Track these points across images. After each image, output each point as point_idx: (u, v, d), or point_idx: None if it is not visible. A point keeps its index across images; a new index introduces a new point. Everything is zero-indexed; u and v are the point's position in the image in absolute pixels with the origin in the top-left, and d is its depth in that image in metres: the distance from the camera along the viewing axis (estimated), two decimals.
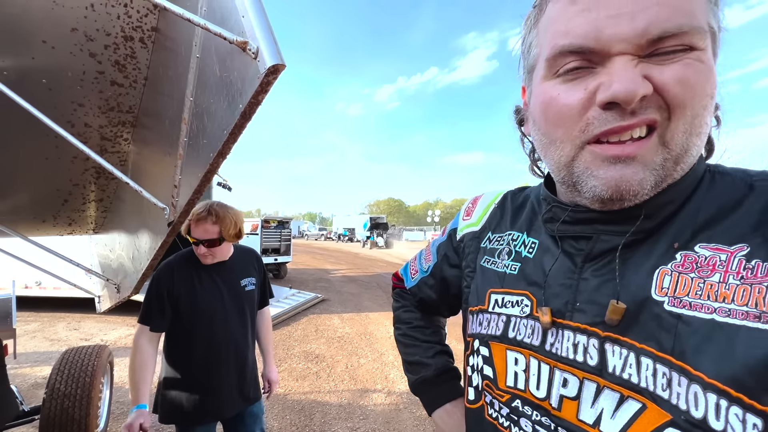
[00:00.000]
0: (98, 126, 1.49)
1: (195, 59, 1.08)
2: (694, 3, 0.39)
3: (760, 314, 0.36)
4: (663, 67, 0.39)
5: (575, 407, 0.46)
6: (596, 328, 0.46)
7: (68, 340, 5.49)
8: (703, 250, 0.42)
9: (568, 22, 0.42)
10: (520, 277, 0.57)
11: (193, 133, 1.12)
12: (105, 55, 1.30)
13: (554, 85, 0.45)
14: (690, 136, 0.41)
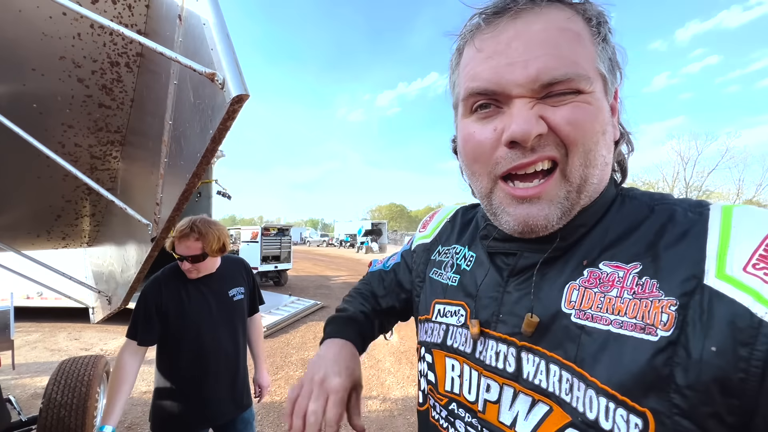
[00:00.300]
0: (88, 146, 1.56)
1: (173, 85, 1.15)
2: (579, 54, 0.45)
3: (644, 326, 0.41)
4: (556, 109, 0.44)
5: (496, 410, 0.51)
6: (514, 338, 0.51)
7: (68, 350, 5.55)
8: (606, 267, 0.46)
9: (476, 67, 0.48)
10: (459, 288, 0.62)
11: (173, 154, 1.19)
12: (92, 79, 1.37)
13: (471, 122, 0.50)
14: (586, 168, 0.46)
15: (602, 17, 0.49)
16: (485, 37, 0.48)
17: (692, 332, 0.38)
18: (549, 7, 0.46)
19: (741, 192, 28.92)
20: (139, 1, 1.30)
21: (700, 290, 0.39)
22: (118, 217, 1.77)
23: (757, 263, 0.37)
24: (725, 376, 0.36)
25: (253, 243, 11.68)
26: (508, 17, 0.46)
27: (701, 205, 0.46)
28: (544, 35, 0.44)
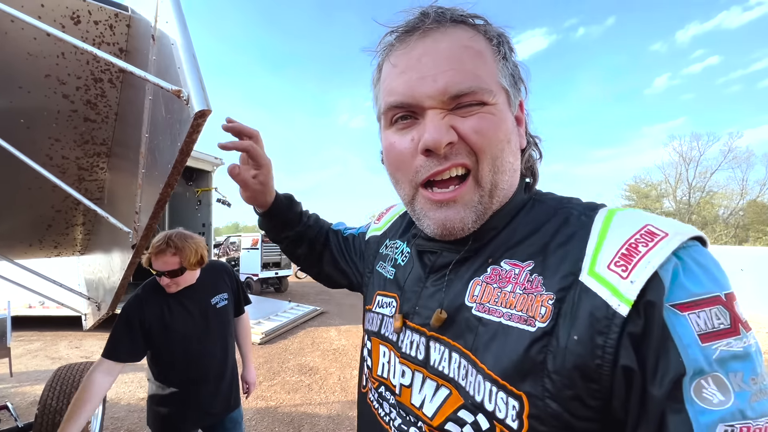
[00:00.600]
0: (75, 158, 1.63)
1: (148, 101, 1.22)
2: (481, 69, 0.50)
3: (527, 318, 0.46)
4: (465, 119, 0.50)
5: (409, 393, 0.56)
6: (425, 329, 0.56)
7: (69, 358, 5.61)
8: (506, 264, 0.52)
9: (392, 82, 0.53)
10: (394, 281, 0.67)
11: (149, 164, 1.25)
12: (77, 95, 1.44)
13: (392, 133, 0.55)
14: (495, 174, 0.51)
15: (502, 38, 0.55)
16: (399, 54, 0.53)
17: (563, 323, 0.43)
18: (454, 27, 0.52)
19: (745, 192, 28.74)
20: (119, 21, 1.37)
21: (575, 285, 0.44)
22: (105, 225, 1.83)
23: (618, 261, 0.42)
24: (584, 362, 0.41)
25: (253, 250, 11.75)
26: (418, 35, 0.51)
27: (593, 209, 0.51)
28: (450, 52, 0.50)
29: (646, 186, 32.42)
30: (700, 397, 0.36)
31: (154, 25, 1.17)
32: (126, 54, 1.44)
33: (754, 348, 0.38)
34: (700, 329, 0.37)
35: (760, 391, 0.36)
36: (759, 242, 25.89)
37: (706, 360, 0.36)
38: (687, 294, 0.39)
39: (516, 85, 0.56)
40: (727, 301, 0.39)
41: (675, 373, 0.37)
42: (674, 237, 0.41)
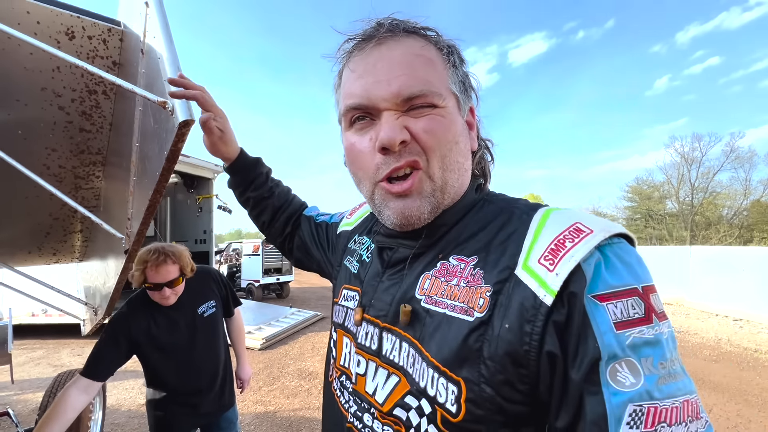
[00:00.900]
0: (71, 167, 1.69)
1: (138, 111, 1.27)
2: (432, 75, 0.55)
3: (467, 309, 0.49)
4: (417, 120, 0.54)
5: (364, 381, 0.60)
6: (378, 320, 0.60)
7: (71, 365, 5.65)
8: (454, 260, 0.55)
9: (351, 86, 0.57)
10: (357, 276, 0.71)
11: (140, 172, 1.30)
12: (72, 107, 1.50)
13: (352, 134, 0.59)
14: (444, 172, 0.55)
15: (452, 48, 0.59)
16: (357, 60, 0.57)
17: (498, 313, 0.47)
18: (407, 37, 0.56)
19: (748, 192, 28.56)
20: (112, 36, 1.43)
21: (511, 279, 0.48)
22: (101, 232, 1.88)
23: (547, 256, 0.46)
24: (514, 349, 0.45)
25: (254, 256, 11.80)
26: (374, 43, 0.56)
27: (533, 208, 0.55)
28: (403, 59, 0.54)
29: (649, 187, 32.31)
30: (614, 380, 0.39)
31: (143, 40, 1.22)
32: (119, 66, 1.50)
33: (666, 336, 0.41)
34: (616, 318, 0.41)
35: (668, 375, 0.39)
36: (764, 242, 25.68)
37: (620, 346, 0.40)
38: (606, 286, 0.42)
39: (466, 92, 0.60)
40: (643, 293, 0.42)
41: (592, 357, 0.40)
42: (598, 234, 0.45)
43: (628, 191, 33.59)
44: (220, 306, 1.85)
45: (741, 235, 27.43)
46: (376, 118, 0.55)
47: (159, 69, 1.08)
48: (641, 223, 32.15)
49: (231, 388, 1.92)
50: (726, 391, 4.39)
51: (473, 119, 0.63)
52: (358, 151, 0.58)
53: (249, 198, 1.01)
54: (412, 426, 0.51)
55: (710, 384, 4.62)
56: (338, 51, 0.61)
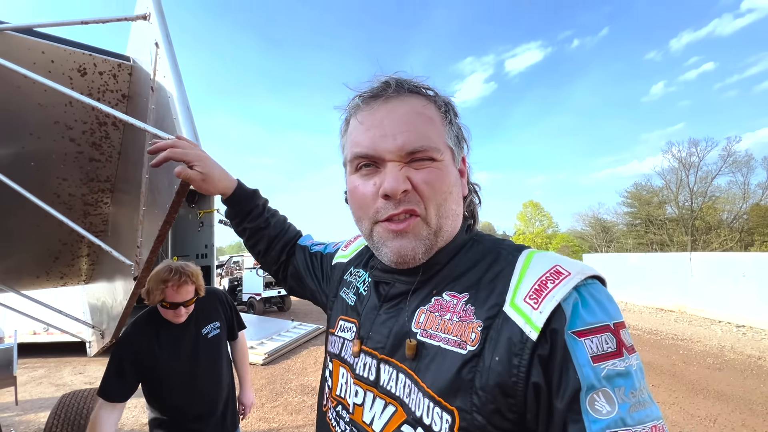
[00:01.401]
0: (81, 194, 1.74)
1: (148, 145, 1.33)
2: (431, 132, 0.61)
3: (460, 342, 0.54)
4: (417, 172, 0.59)
5: (361, 411, 0.63)
6: (376, 352, 0.64)
7: (73, 385, 5.63)
8: (447, 296, 0.60)
9: (359, 137, 0.63)
10: (354, 308, 0.75)
11: (149, 203, 1.35)
12: (83, 138, 1.56)
13: (357, 178, 0.64)
14: (440, 219, 0.61)
15: (449, 106, 0.66)
16: (365, 114, 0.63)
17: (488, 346, 0.51)
18: (410, 96, 0.62)
19: (747, 195, 28.62)
20: (122, 71, 1.49)
21: (500, 315, 0.52)
22: (108, 256, 1.93)
23: (531, 295, 0.51)
24: (504, 380, 0.49)
25: (256, 269, 11.81)
26: (382, 100, 0.62)
27: (519, 249, 0.60)
28: (407, 117, 0.60)
29: (648, 193, 32.39)
30: (593, 409, 0.44)
31: (153, 78, 1.29)
32: (128, 99, 1.56)
33: (635, 367, 0.46)
34: (592, 351, 0.46)
35: (638, 403, 0.44)
36: (765, 246, 25.65)
37: (596, 377, 0.44)
38: (583, 323, 0.47)
39: (459, 144, 0.66)
40: (614, 329, 0.47)
41: (573, 388, 0.45)
42: (575, 276, 0.50)
43: (627, 197, 33.68)
44: (224, 328, 1.87)
45: (742, 239, 27.40)
46: (380, 166, 0.61)
47: (169, 106, 1.14)
48: (642, 228, 32.14)
49: (234, 412, 1.92)
50: (730, 400, 4.37)
51: (465, 167, 0.69)
52: (361, 194, 0.63)
53: (245, 229, 1.04)
54: None
55: (714, 393, 4.60)
56: (349, 104, 0.67)
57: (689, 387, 4.82)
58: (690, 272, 10.22)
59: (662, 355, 6.31)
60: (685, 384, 4.92)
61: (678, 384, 4.93)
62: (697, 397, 4.50)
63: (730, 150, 28.62)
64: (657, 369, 5.59)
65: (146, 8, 1.31)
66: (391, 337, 0.62)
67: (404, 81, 0.63)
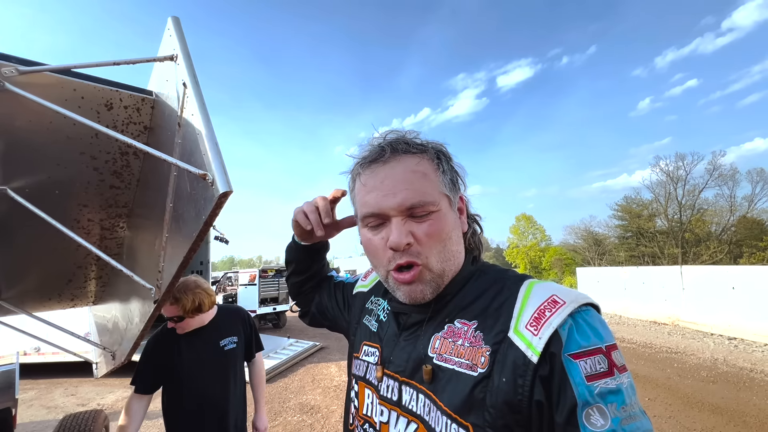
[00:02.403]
0: (99, 219, 1.81)
1: (173, 176, 1.41)
2: (427, 186, 0.71)
3: (472, 365, 0.63)
4: (419, 225, 0.69)
5: (387, 429, 0.71)
6: (398, 375, 0.73)
7: (65, 407, 5.52)
8: (458, 323, 0.69)
9: (364, 197, 0.74)
10: (377, 334, 0.84)
11: (172, 230, 1.42)
12: (105, 167, 1.64)
13: (368, 231, 0.75)
14: (442, 263, 0.71)
15: (441, 154, 0.76)
16: (367, 176, 0.74)
17: (496, 368, 0.60)
18: (405, 156, 0.73)
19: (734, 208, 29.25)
20: (145, 104, 1.59)
21: (505, 340, 0.62)
22: (122, 278, 1.98)
23: (532, 323, 0.60)
24: (510, 398, 0.58)
25: (251, 285, 11.74)
26: (380, 163, 0.73)
27: (521, 280, 0.70)
28: (403, 176, 0.70)
29: (638, 206, 32.95)
30: (589, 423, 0.52)
31: (180, 114, 1.38)
32: (150, 130, 1.65)
33: (625, 385, 0.54)
34: (587, 372, 0.54)
35: (629, 417, 0.52)
36: (753, 258, 26.11)
37: (591, 394, 0.53)
38: (578, 346, 0.56)
39: (455, 187, 0.77)
40: (606, 351, 0.56)
41: (571, 404, 0.53)
42: (570, 304, 0.59)
43: (618, 210, 34.20)
44: (242, 344, 1.96)
45: (731, 251, 27.88)
46: (386, 221, 0.71)
47: (197, 142, 1.23)
48: (633, 241, 32.55)
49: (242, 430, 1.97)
50: (724, 413, 4.44)
51: (463, 204, 0.80)
52: (374, 246, 0.74)
53: (312, 273, 1.14)
54: None
55: (709, 406, 4.67)
56: (353, 169, 0.79)
57: (684, 400, 4.89)
58: (681, 285, 10.40)
59: (657, 369, 6.38)
60: (680, 397, 4.99)
61: (673, 397, 5.00)
62: (693, 411, 4.56)
63: (716, 164, 29.40)
64: (653, 382, 5.66)
65: (173, 50, 1.41)
66: (410, 362, 0.71)
67: (398, 143, 0.73)
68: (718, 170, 29.29)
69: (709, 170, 29.50)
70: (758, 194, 28.93)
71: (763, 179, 28.75)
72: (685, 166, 30.47)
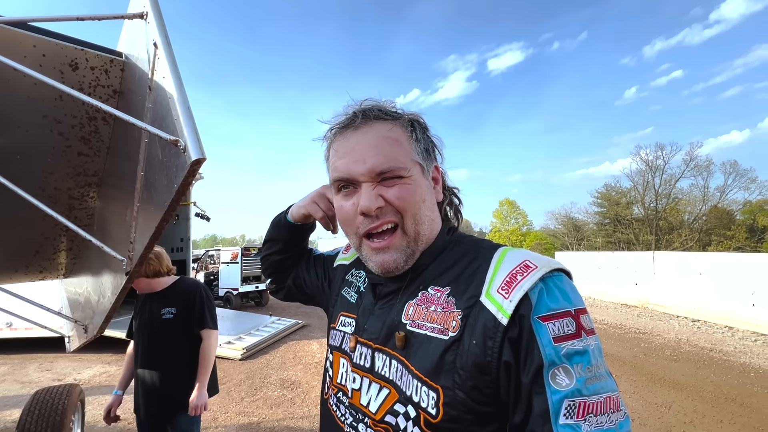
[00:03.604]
0: (66, 188, 1.73)
1: (144, 143, 1.34)
2: (399, 152, 0.69)
3: (443, 329, 0.63)
4: (389, 189, 0.68)
5: (359, 395, 0.72)
6: (371, 342, 0.73)
7: (40, 382, 5.43)
8: (432, 290, 0.69)
9: (336, 163, 0.72)
10: (355, 305, 0.84)
11: (144, 199, 1.37)
12: (72, 132, 1.55)
13: (340, 198, 0.74)
14: (417, 225, 0.70)
15: (416, 123, 0.74)
16: (339, 142, 0.73)
17: (467, 332, 0.61)
18: (377, 122, 0.71)
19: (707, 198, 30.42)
20: (114, 66, 1.50)
21: (477, 305, 0.62)
22: (93, 250, 1.92)
23: (503, 286, 0.60)
24: (480, 360, 0.58)
25: (233, 264, 11.63)
26: (352, 129, 0.71)
27: (495, 247, 0.70)
28: (375, 141, 0.69)
29: (617, 193, 33.86)
30: (554, 382, 0.53)
31: (150, 77, 1.30)
32: (119, 95, 1.56)
33: (592, 347, 0.55)
34: (555, 334, 0.55)
35: (594, 377, 0.53)
36: (721, 246, 27.40)
37: (557, 355, 0.54)
38: (547, 309, 0.56)
39: (429, 156, 0.75)
40: (575, 314, 0.57)
41: (537, 365, 0.54)
42: (541, 269, 0.59)
43: (598, 197, 35.09)
44: (181, 317, 2.00)
45: (700, 239, 29.15)
46: (357, 187, 0.70)
47: (169, 107, 1.17)
48: (610, 227, 33.62)
49: (173, 399, 1.99)
50: (684, 389, 4.73)
51: (438, 174, 0.79)
52: (345, 212, 0.73)
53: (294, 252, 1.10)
54: (400, 429, 0.63)
55: (670, 382, 4.96)
56: (325, 135, 0.77)
57: (648, 377, 5.17)
58: (653, 270, 10.84)
59: (625, 348, 6.71)
60: (644, 374, 5.28)
61: (639, 374, 5.28)
62: (655, 386, 4.84)
63: (693, 154, 30.32)
64: (620, 360, 5.95)
65: (143, 7, 1.32)
66: (384, 329, 0.71)
67: (370, 110, 0.71)
68: (695, 161, 30.27)
69: (686, 161, 30.45)
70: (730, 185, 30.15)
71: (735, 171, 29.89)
72: (664, 156, 31.34)
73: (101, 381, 5.44)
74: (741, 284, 8.39)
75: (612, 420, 0.52)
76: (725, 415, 4.03)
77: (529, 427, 0.55)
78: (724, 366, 5.65)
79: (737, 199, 30.21)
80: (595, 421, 0.51)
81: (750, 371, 5.42)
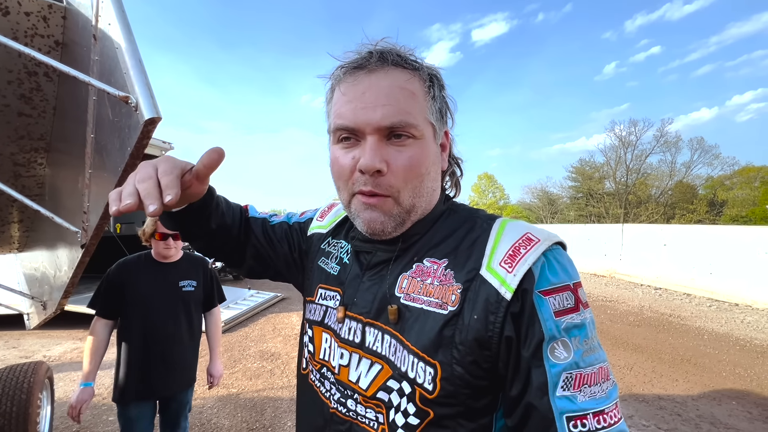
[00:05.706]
0: (9, 153, 1.56)
1: (92, 101, 1.20)
2: (413, 107, 0.61)
3: (441, 303, 0.58)
4: (397, 154, 0.60)
5: (347, 371, 0.67)
6: (362, 316, 0.67)
7: (6, 359, 5.23)
8: (427, 262, 0.64)
9: (341, 108, 0.62)
10: (337, 277, 0.77)
11: (96, 165, 1.24)
12: (9, 89, 1.38)
13: (338, 149, 0.65)
14: (414, 198, 0.63)
15: (434, 79, 0.66)
16: (348, 85, 0.62)
17: (467, 306, 0.57)
18: (394, 69, 0.62)
19: (673, 173, 31.75)
20: (54, 13, 1.32)
21: (477, 278, 0.57)
22: (47, 222, 1.77)
23: (506, 260, 0.56)
24: (481, 335, 0.55)
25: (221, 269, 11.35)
26: (365, 72, 0.61)
27: (492, 218, 0.65)
28: (389, 90, 0.60)
29: (590, 168, 34.81)
30: (553, 356, 0.51)
31: (95, 24, 1.15)
32: (63, 47, 1.39)
33: (588, 320, 0.54)
34: (555, 308, 0.53)
35: (589, 349, 0.53)
36: (683, 219, 28.96)
37: (557, 329, 0.52)
38: (548, 283, 0.54)
39: (443, 118, 0.68)
40: (573, 288, 0.55)
41: (538, 339, 0.52)
42: (544, 242, 0.56)
43: (573, 172, 36.00)
44: (200, 291, 1.97)
45: (665, 212, 30.66)
46: (361, 139, 0.62)
47: (117, 59, 1.04)
48: (583, 201, 34.79)
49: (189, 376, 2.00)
50: (645, 351, 5.06)
51: (447, 141, 0.71)
52: (340, 165, 0.64)
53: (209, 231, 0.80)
54: (393, 406, 0.60)
55: (632, 346, 5.30)
56: (332, 73, 0.66)
57: (612, 341, 5.49)
58: (621, 242, 11.34)
59: None
60: (609, 339, 5.60)
61: (604, 339, 5.60)
62: (619, 350, 5.15)
63: (663, 131, 31.29)
64: None
65: None
66: (375, 302, 0.66)
67: (388, 52, 0.62)
68: (665, 137, 31.29)
69: (656, 137, 31.44)
70: (695, 161, 31.50)
71: (701, 147, 31.17)
72: (637, 132, 32.22)
73: (72, 357, 5.30)
74: (700, 254, 8.91)
75: (603, 389, 0.52)
76: (680, 374, 4.36)
77: (526, 399, 0.53)
78: (681, 330, 6.07)
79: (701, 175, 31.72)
80: (590, 392, 0.51)
81: (704, 334, 5.85)
